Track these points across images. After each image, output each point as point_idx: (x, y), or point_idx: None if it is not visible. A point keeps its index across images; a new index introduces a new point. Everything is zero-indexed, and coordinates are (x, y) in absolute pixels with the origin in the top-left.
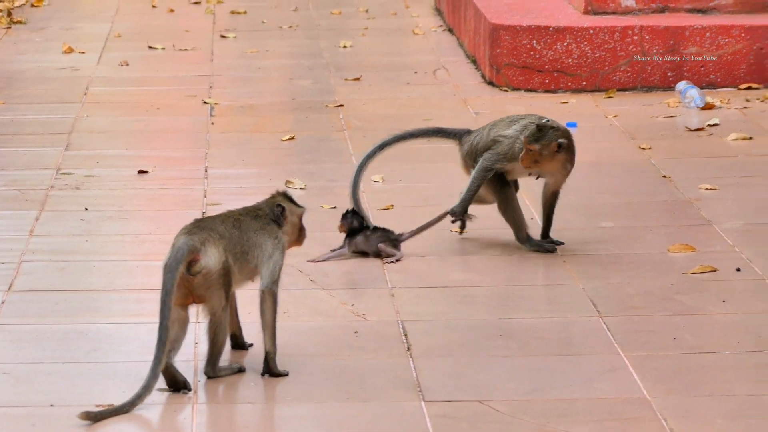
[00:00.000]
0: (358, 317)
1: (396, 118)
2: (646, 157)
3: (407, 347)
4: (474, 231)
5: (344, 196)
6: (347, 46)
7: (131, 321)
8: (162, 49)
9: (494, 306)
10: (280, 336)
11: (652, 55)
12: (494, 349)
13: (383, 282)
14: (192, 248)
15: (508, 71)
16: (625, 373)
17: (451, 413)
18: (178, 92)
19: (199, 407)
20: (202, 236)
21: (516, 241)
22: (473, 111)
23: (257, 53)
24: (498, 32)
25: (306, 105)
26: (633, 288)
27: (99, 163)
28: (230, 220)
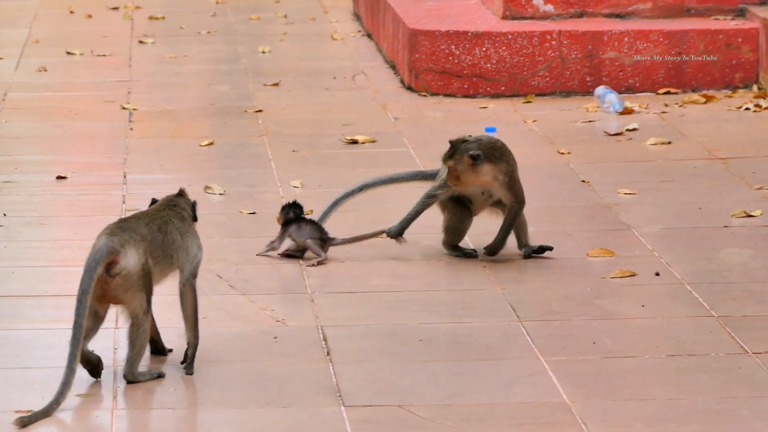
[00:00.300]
0: (277, 322)
1: (315, 123)
2: (565, 162)
3: (327, 352)
4: None
5: (263, 201)
6: (266, 51)
7: (51, 327)
8: (80, 55)
9: (414, 311)
10: (200, 341)
11: (570, 60)
12: (414, 354)
13: (303, 287)
14: (111, 250)
15: (426, 76)
16: (545, 377)
17: (371, 418)
18: (97, 98)
19: (118, 413)
20: (123, 238)
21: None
22: (392, 116)
23: (176, 58)
24: (416, 37)
25: (225, 110)
26: (552, 293)
27: (17, 168)
28: (156, 221)
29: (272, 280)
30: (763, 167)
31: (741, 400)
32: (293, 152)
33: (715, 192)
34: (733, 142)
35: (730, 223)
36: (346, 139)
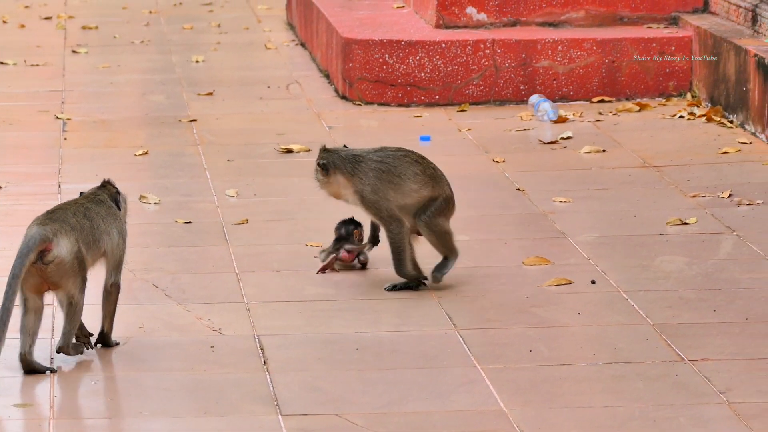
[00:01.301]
0: (214, 332)
1: (250, 133)
2: (500, 170)
3: (264, 361)
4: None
5: (199, 210)
6: (200, 60)
7: None
8: (13, 65)
9: (350, 320)
10: (136, 351)
11: (504, 69)
12: (350, 363)
13: (239, 296)
14: (44, 238)
15: (360, 85)
16: (482, 385)
17: (308, 427)
18: (30, 107)
19: (55, 422)
20: (54, 227)
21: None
22: (327, 125)
23: (109, 68)
24: (350, 46)
25: (159, 120)
26: (488, 301)
27: None
28: (81, 210)
29: (208, 290)
30: (698, 175)
31: (677, 407)
32: (228, 161)
33: (650, 200)
34: (668, 150)
35: (665, 231)
36: (281, 148)
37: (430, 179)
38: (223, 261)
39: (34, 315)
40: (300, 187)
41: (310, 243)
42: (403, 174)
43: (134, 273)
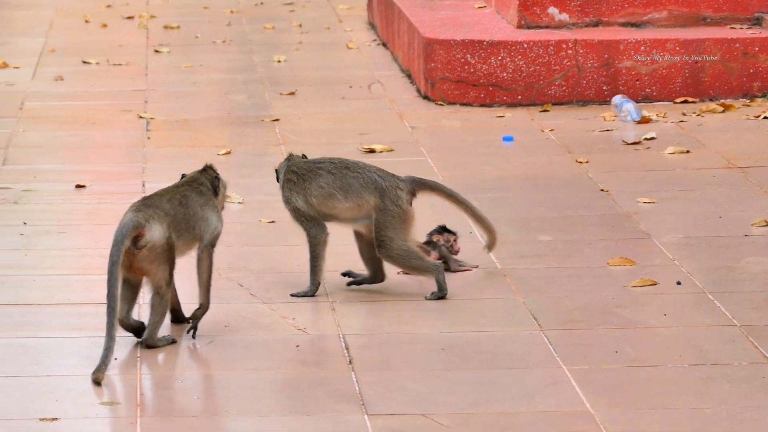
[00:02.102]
0: (299, 331)
1: (332, 132)
2: (584, 171)
3: (349, 361)
4: None
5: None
6: (281, 60)
7: (72, 335)
8: (96, 64)
9: (435, 320)
10: (222, 350)
11: (586, 69)
12: (436, 363)
13: (324, 296)
14: (137, 224)
15: (443, 85)
16: (568, 386)
17: (394, 426)
18: (114, 107)
19: (143, 420)
20: (147, 213)
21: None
22: (409, 125)
23: (191, 68)
24: (432, 46)
25: (242, 120)
26: (573, 302)
27: (36, 177)
28: (177, 197)
29: (293, 289)
30: None
31: (764, 409)
32: None
33: (735, 201)
34: (752, 150)
35: (751, 232)
36: (363, 148)
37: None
38: (307, 260)
39: (132, 289)
40: None
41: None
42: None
43: (219, 272)
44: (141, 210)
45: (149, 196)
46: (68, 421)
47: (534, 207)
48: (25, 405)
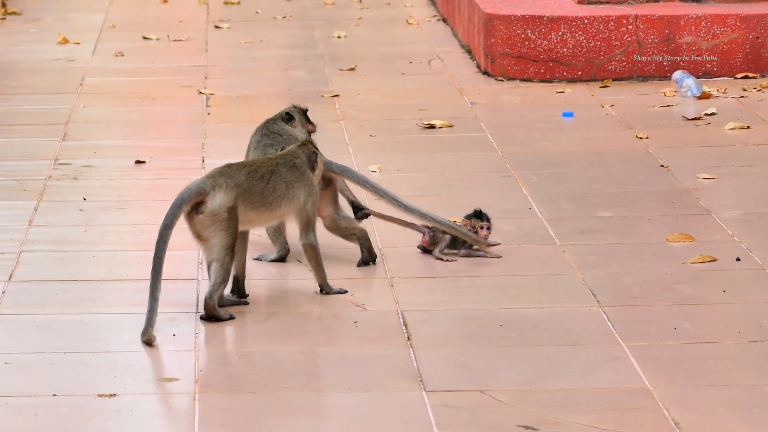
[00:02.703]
0: (357, 307)
1: (391, 108)
2: (644, 147)
3: (407, 337)
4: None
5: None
6: (341, 36)
7: (131, 311)
8: (156, 40)
9: (493, 296)
10: (280, 325)
11: (647, 45)
12: (494, 339)
13: (382, 272)
14: (200, 191)
15: (503, 61)
16: (626, 362)
17: (452, 403)
18: (174, 83)
19: (200, 396)
20: (216, 181)
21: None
22: (469, 101)
23: (252, 44)
24: (492, 22)
25: (301, 95)
26: (632, 278)
27: (96, 153)
28: (261, 170)
29: (352, 266)
30: None
31: None
32: (370, 137)
33: None
34: None
35: None
36: (423, 123)
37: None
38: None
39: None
40: (442, 163)
41: (453, 219)
42: None
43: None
44: (212, 176)
45: (231, 164)
46: (127, 397)
47: (593, 183)
48: (84, 381)
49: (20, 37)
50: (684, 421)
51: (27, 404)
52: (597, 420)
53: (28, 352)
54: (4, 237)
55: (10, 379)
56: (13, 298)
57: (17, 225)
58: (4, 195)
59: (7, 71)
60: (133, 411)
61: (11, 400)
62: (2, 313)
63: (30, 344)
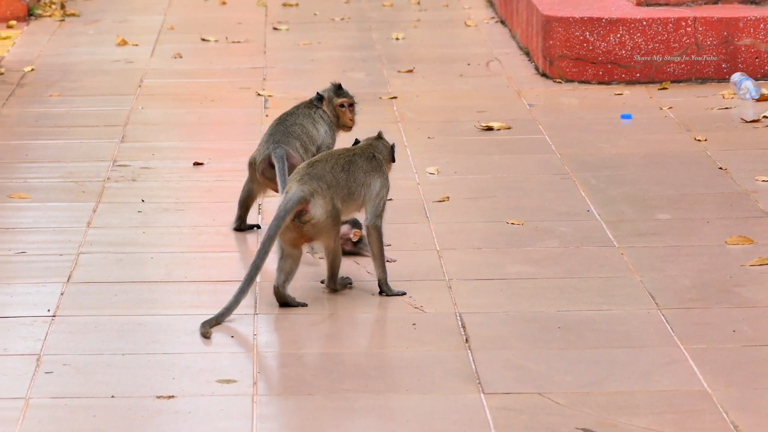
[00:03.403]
0: (415, 309)
1: (449, 110)
2: (702, 149)
3: (465, 339)
4: (530, 223)
5: (400, 188)
6: (399, 38)
7: (189, 312)
8: (215, 42)
9: (552, 298)
10: (338, 328)
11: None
12: (552, 342)
13: (440, 274)
14: (301, 200)
15: (561, 63)
16: (685, 365)
17: (510, 405)
18: (232, 84)
19: (259, 398)
20: (312, 187)
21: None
22: (527, 103)
23: (310, 45)
24: (551, 24)
25: (359, 97)
26: (690, 280)
27: (154, 155)
28: (342, 162)
29: (409, 267)
30: None
31: None
32: (429, 139)
33: None
34: None
35: None
36: (481, 125)
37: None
38: (424, 238)
39: (291, 260)
40: (500, 165)
41: (511, 221)
42: None
43: None
44: (306, 182)
45: (315, 161)
46: (185, 399)
47: (652, 185)
48: (143, 383)
49: (79, 39)
50: (743, 424)
51: (85, 406)
52: (655, 423)
53: (86, 354)
54: (62, 238)
55: (68, 380)
56: (71, 300)
57: (76, 226)
58: (63, 196)
59: (66, 73)
60: (191, 413)
61: (70, 402)
62: (61, 315)
63: (88, 346)
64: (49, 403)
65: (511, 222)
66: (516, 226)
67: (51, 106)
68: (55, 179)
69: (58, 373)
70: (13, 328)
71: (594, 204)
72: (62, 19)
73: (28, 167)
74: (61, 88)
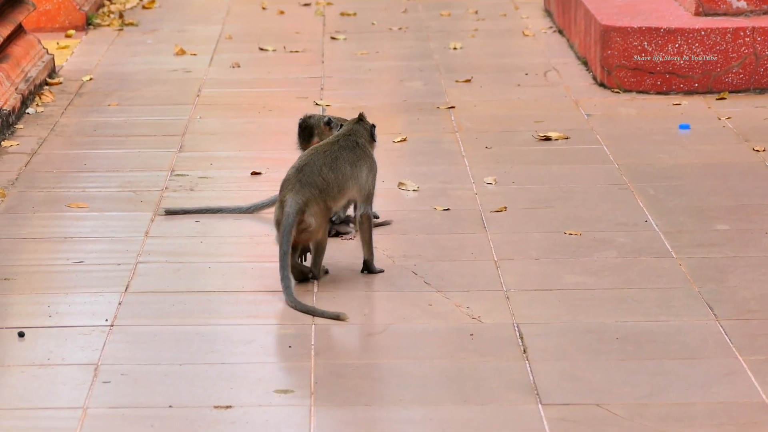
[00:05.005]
0: (473, 320)
1: (508, 120)
2: (760, 159)
3: (523, 350)
4: (588, 233)
5: (458, 197)
6: (457, 47)
7: (247, 322)
8: (273, 51)
9: (610, 309)
10: (395, 338)
11: (764, 57)
12: (610, 353)
13: (498, 284)
14: (298, 211)
15: (619, 73)
16: (744, 377)
17: (569, 416)
18: (290, 94)
19: (316, 408)
20: (306, 196)
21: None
22: (585, 113)
23: (367, 55)
24: (609, 34)
25: (417, 106)
26: (749, 291)
27: (212, 164)
28: (328, 160)
29: (467, 277)
30: None
31: None
32: (486, 149)
33: None
34: None
35: None
36: (539, 135)
37: None
38: (482, 248)
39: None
40: (558, 175)
41: (569, 231)
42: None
43: (393, 259)
44: (298, 191)
45: (303, 166)
46: (242, 409)
47: (710, 195)
48: (200, 392)
49: (137, 48)
50: None
51: (143, 416)
52: None
53: (144, 364)
54: (120, 248)
55: (126, 390)
56: (129, 310)
57: (134, 236)
58: (121, 206)
59: (125, 82)
60: (249, 423)
61: (127, 412)
62: (119, 324)
63: (146, 355)
64: (106, 413)
65: (569, 232)
66: (574, 236)
67: (109, 115)
68: (113, 188)
69: (115, 383)
70: (71, 337)
71: (652, 214)
72: (120, 29)
73: (86, 176)
74: (119, 98)
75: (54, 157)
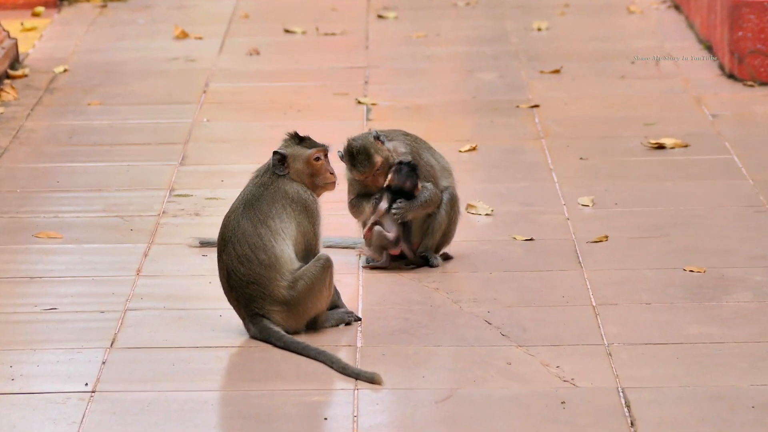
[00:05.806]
0: (565, 382)
1: (609, 123)
2: None
3: (631, 423)
4: (714, 270)
5: (545, 224)
6: (542, 28)
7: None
8: (302, 33)
9: (744, 369)
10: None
11: None
12: (745, 425)
13: (597, 336)
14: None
15: (753, 60)
16: None
17: None
18: (324, 89)
19: None
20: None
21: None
22: (709, 113)
23: (425, 38)
24: (740, 10)
25: (490, 105)
26: None
27: (224, 181)
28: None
29: (556, 327)
30: None
31: None
32: (581, 160)
33: None
34: None
35: None
36: (649, 142)
37: None
38: (576, 290)
39: None
40: (675, 194)
41: (690, 267)
42: None
43: (460, 305)
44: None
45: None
46: None
47: None
48: None
49: (126, 30)
50: None
51: None
52: None
53: None
54: (105, 291)
55: None
56: (115, 371)
57: (122, 275)
58: (106, 236)
59: (110, 74)
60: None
61: None
62: (101, 390)
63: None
64: None
65: (690, 269)
66: (696, 274)
67: (89, 117)
68: (95, 213)
69: None
70: (41, 407)
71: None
72: (104, 5)
73: (59, 198)
74: (102, 95)
75: (18, 172)
